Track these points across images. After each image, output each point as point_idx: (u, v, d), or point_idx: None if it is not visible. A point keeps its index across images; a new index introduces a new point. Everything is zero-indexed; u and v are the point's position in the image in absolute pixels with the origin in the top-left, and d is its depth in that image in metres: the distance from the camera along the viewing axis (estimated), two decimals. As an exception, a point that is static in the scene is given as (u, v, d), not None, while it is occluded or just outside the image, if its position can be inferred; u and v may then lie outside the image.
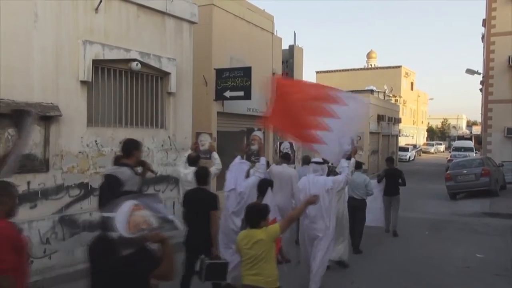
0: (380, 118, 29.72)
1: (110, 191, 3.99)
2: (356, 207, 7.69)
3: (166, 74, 8.25)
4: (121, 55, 7.29)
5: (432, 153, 50.65)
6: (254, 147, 7.53)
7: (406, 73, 49.37)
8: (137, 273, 2.55)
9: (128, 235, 2.42)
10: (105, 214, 2.56)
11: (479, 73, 23.46)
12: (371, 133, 28.20)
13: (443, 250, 8.19)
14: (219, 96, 11.18)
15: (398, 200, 9.47)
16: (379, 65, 51.81)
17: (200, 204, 3.76)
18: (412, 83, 52.46)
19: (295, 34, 16.40)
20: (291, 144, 8.99)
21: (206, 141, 7.65)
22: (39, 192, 6.10)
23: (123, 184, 4.14)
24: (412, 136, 50.87)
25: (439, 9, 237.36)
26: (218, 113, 11.51)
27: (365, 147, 27.04)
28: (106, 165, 7.04)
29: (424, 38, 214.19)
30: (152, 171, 4.98)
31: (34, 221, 5.98)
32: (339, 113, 5.10)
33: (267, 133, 13.94)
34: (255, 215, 3.77)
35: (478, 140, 34.34)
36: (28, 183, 5.96)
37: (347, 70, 49.31)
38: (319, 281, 5.42)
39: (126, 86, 7.68)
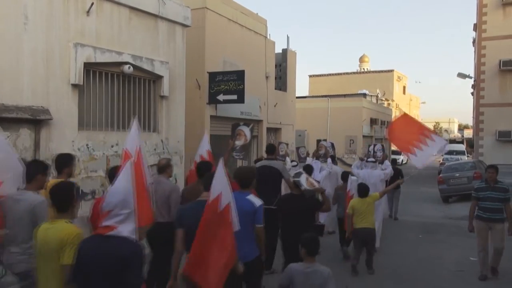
0: (373, 121, 29.89)
1: (267, 175, 6.10)
2: None
3: (159, 78, 8.19)
4: (113, 58, 7.22)
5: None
6: (322, 151, 10.13)
7: (399, 77, 49.67)
8: (313, 208, 5.21)
9: (308, 188, 5.06)
10: (295, 179, 5.21)
11: (471, 77, 23.67)
12: (364, 136, 28.33)
13: (437, 253, 8.18)
14: (212, 100, 11.15)
15: (399, 192, 11.91)
16: (371, 69, 52.09)
17: None
18: (404, 87, 52.80)
19: (288, 38, 16.45)
20: (332, 144, 11.20)
21: (284, 149, 10.32)
22: None
23: (279, 169, 6.52)
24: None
25: (431, 14, 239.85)
26: (211, 116, 11.47)
27: (358, 151, 27.11)
28: (98, 169, 6.98)
29: (416, 42, 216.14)
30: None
31: None
32: (428, 143, 7.68)
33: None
34: (367, 190, 6.82)
35: (470, 143, 34.64)
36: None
37: (340, 74, 49.51)
38: (379, 239, 8.06)
39: (118, 89, 7.61)
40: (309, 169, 7.76)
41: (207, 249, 3.22)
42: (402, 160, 38.24)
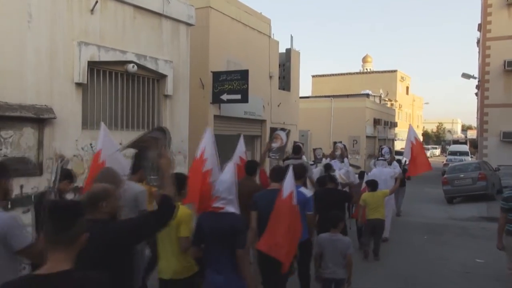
0: (376, 122, 29.78)
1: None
2: None
3: (163, 77, 8.15)
4: (117, 57, 7.18)
5: (428, 157, 50.62)
6: (338, 152, 10.81)
7: (402, 78, 49.49)
8: (345, 200, 6.46)
9: (341, 182, 7.29)
10: (331, 174, 6.84)
11: (475, 78, 23.53)
12: (367, 137, 28.23)
13: (442, 255, 8.11)
14: (216, 99, 11.10)
15: (404, 190, 12.59)
16: (374, 70, 51.92)
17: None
18: (407, 88, 52.62)
19: (292, 38, 16.51)
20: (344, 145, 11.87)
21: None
22: (33, 196, 5.95)
23: (306, 167, 6.63)
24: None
25: (435, 14, 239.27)
26: (215, 116, 11.42)
27: (361, 151, 27.04)
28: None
29: (419, 42, 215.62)
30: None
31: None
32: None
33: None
34: (376, 185, 7.72)
35: (474, 144, 34.41)
36: (21, 186, 5.82)
37: (343, 74, 49.36)
38: (388, 230, 8.80)
39: (122, 88, 7.57)
40: (329, 167, 8.59)
41: (279, 229, 4.08)
42: (406, 161, 38.15)
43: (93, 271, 1.96)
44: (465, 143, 42.88)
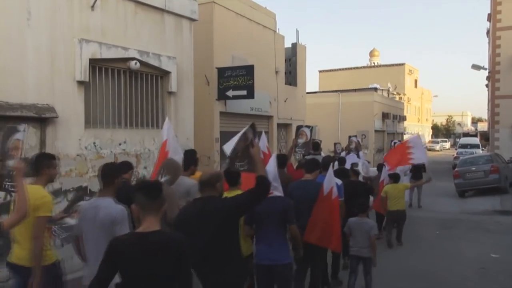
0: (385, 116, 29.42)
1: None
2: None
3: (166, 73, 8.01)
4: (119, 53, 7.04)
5: (438, 151, 50.12)
6: (352, 146, 11.06)
7: (410, 71, 48.98)
8: (368, 192, 6.94)
9: (364, 175, 8.25)
10: (355, 168, 7.14)
11: (485, 69, 23.10)
12: (376, 131, 27.91)
13: (456, 250, 7.91)
14: (222, 96, 10.95)
15: (421, 185, 12.58)
16: (382, 63, 51.41)
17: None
18: (416, 81, 52.07)
19: (297, 32, 16.30)
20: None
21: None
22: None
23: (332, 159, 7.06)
24: (417, 134, 50.40)
25: (443, 5, 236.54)
26: (221, 113, 11.28)
27: (370, 146, 26.73)
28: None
29: (427, 35, 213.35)
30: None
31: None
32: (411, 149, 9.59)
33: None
34: (399, 178, 8.37)
35: (485, 136, 33.92)
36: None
37: (350, 68, 48.97)
38: None
39: (125, 85, 7.44)
40: (342, 161, 8.93)
41: (323, 222, 4.73)
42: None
43: (175, 233, 2.63)
44: (475, 135, 42.30)
